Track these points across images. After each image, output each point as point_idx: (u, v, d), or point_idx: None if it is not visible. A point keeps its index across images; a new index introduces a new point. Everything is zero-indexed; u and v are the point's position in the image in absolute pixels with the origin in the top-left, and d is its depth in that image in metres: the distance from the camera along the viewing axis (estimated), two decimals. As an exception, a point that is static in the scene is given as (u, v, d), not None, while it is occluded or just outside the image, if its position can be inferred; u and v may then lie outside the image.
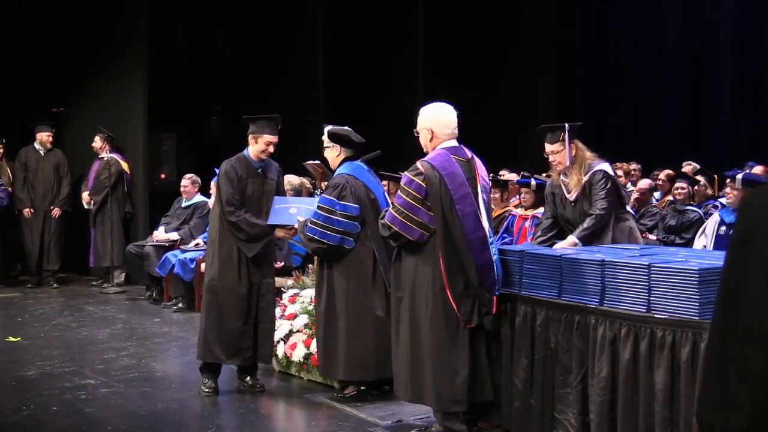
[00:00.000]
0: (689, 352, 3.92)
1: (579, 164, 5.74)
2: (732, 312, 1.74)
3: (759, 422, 1.69)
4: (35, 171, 10.94)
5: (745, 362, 1.70)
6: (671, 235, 8.55)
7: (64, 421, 5.52)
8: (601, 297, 4.40)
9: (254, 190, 6.09)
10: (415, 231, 4.78)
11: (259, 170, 6.16)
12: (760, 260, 1.68)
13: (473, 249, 4.70)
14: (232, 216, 5.95)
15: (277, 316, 6.54)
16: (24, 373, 6.62)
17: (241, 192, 6.03)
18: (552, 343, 4.59)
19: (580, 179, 5.71)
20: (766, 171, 8.74)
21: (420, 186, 4.78)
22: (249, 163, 6.13)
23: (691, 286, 3.99)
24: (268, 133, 6.10)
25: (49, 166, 10.99)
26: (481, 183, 4.89)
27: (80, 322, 8.71)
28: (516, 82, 14.77)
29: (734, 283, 1.75)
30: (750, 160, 9.74)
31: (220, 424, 5.46)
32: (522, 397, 4.76)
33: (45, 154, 11.01)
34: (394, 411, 5.56)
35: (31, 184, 10.91)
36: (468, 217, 4.73)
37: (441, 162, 4.81)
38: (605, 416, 4.28)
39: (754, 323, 1.69)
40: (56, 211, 10.94)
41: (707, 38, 13.62)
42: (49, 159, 11.01)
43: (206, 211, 9.99)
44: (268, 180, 6.17)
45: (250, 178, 6.09)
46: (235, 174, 6.04)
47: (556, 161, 5.79)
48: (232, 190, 5.99)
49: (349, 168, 5.86)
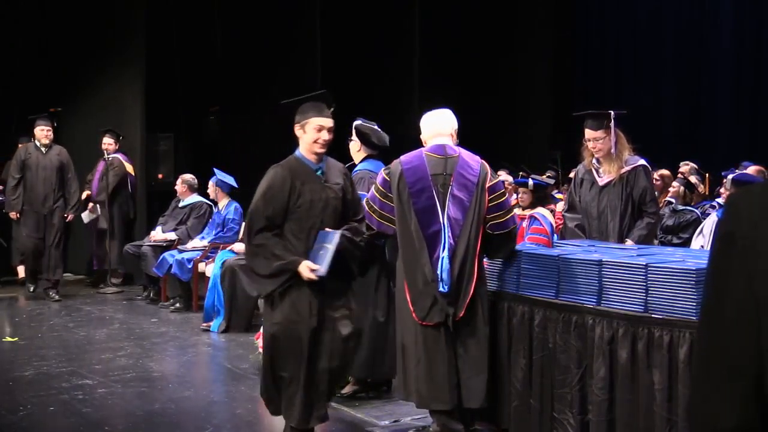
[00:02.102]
0: (687, 351, 3.92)
1: (620, 153, 5.74)
2: (717, 311, 1.75)
3: (747, 420, 1.69)
4: (35, 170, 9.94)
5: (731, 361, 1.71)
6: (669, 236, 8.55)
7: (62, 421, 5.51)
8: (599, 297, 4.40)
9: (311, 200, 4.61)
10: (374, 220, 4.90)
11: (318, 172, 4.70)
12: (742, 260, 1.69)
13: (427, 244, 4.73)
14: (255, 235, 4.59)
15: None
16: (21, 374, 6.61)
17: (284, 205, 4.57)
18: (550, 343, 4.60)
19: (621, 167, 5.73)
20: (759, 171, 8.75)
21: (384, 180, 4.90)
22: (302, 165, 4.69)
23: (689, 286, 3.99)
24: (315, 115, 4.68)
25: (51, 165, 9.97)
26: (458, 180, 4.82)
27: (77, 322, 8.70)
28: (513, 81, 14.78)
29: (719, 282, 1.76)
30: (745, 161, 9.75)
31: (217, 424, 5.45)
32: (521, 397, 4.76)
33: (46, 152, 10.01)
34: (392, 411, 5.56)
35: (30, 185, 9.90)
36: (424, 212, 4.75)
37: (409, 157, 4.89)
38: (604, 416, 4.28)
39: (739, 322, 1.70)
40: (71, 217, 10.07)
41: (705, 39, 13.64)
42: (51, 158, 10.00)
43: (203, 211, 10.01)
44: (330, 185, 4.70)
45: (306, 184, 4.62)
46: (280, 183, 4.59)
47: (598, 148, 5.77)
48: (264, 204, 4.59)
49: (372, 165, 5.97)
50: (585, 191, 5.91)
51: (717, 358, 1.74)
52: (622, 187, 5.72)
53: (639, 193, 5.72)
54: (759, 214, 1.68)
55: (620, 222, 5.72)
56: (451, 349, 4.77)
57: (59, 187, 10.04)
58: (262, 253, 4.54)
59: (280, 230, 4.59)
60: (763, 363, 1.66)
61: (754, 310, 1.66)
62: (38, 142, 10.02)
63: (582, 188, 5.95)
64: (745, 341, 1.68)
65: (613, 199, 5.74)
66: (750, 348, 1.67)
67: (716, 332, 1.74)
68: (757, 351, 1.67)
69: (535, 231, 7.72)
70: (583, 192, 5.93)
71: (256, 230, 4.57)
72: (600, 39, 15.17)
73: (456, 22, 14.24)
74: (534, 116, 14.84)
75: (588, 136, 5.79)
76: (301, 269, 4.45)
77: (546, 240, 7.52)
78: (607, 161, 5.77)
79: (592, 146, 5.79)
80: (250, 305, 8.35)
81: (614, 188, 5.74)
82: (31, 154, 9.99)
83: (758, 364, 1.66)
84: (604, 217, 5.80)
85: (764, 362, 1.66)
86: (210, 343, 7.86)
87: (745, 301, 1.68)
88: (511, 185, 9.63)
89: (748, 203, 1.73)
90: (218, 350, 7.65)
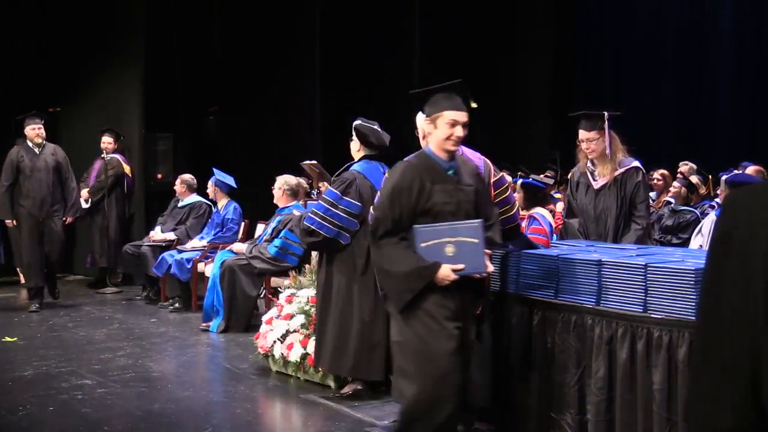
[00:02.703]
0: (686, 352, 3.92)
1: (614, 154, 5.71)
2: (715, 311, 1.75)
3: (745, 420, 1.69)
4: (29, 173, 9.23)
5: (728, 361, 1.71)
6: (668, 235, 8.55)
7: (61, 421, 5.51)
8: (598, 297, 4.40)
9: (443, 202, 4.16)
10: None
11: (450, 172, 4.26)
12: (738, 261, 1.69)
13: None
14: (380, 240, 4.21)
15: (274, 317, 6.56)
16: (21, 374, 6.61)
17: (411, 208, 4.13)
18: (549, 343, 4.59)
19: (615, 170, 5.70)
20: (759, 171, 8.74)
21: None
22: (433, 163, 4.24)
23: (688, 286, 3.99)
24: (449, 108, 4.21)
25: (45, 167, 9.26)
26: None
27: (77, 322, 8.70)
28: (513, 81, 14.77)
29: (716, 282, 1.76)
30: (745, 161, 9.75)
31: (216, 424, 5.45)
32: (519, 397, 4.75)
33: (40, 153, 9.31)
34: (391, 411, 5.54)
35: (26, 190, 9.21)
36: None
37: (410, 157, 4.85)
38: (602, 416, 4.28)
39: (736, 323, 1.70)
40: (69, 220, 9.59)
41: (705, 39, 13.63)
42: (46, 158, 9.30)
43: (203, 211, 10.01)
44: (463, 186, 4.29)
45: (437, 184, 4.18)
46: (409, 182, 4.15)
47: (591, 149, 5.73)
48: (389, 204, 4.16)
49: (363, 167, 5.93)
50: (581, 194, 5.89)
51: (715, 357, 1.74)
52: (617, 189, 5.70)
53: (631, 195, 5.69)
54: (756, 214, 1.68)
55: (615, 224, 5.70)
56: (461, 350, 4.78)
57: (57, 188, 9.34)
58: (391, 260, 4.11)
59: (406, 234, 4.12)
60: (760, 363, 1.66)
61: (751, 311, 1.66)
62: (30, 142, 9.29)
63: (578, 191, 5.93)
64: (743, 341, 1.68)
65: (609, 201, 5.72)
66: (747, 347, 1.68)
67: (714, 332, 1.74)
68: (754, 350, 1.67)
69: (534, 231, 7.71)
70: (579, 195, 5.91)
71: (380, 234, 4.15)
72: (600, 39, 15.16)
73: (456, 23, 14.23)
74: (534, 116, 14.83)
75: (582, 136, 5.76)
76: (442, 273, 4.03)
77: (545, 240, 7.52)
78: (602, 163, 5.74)
79: (585, 147, 5.76)
80: (250, 305, 8.36)
81: (609, 191, 5.73)
82: (24, 157, 9.24)
83: (756, 363, 1.66)
84: (601, 220, 5.78)
85: (761, 362, 1.66)
86: (209, 343, 7.85)
87: (743, 301, 1.68)
88: (511, 185, 9.63)
89: (745, 204, 1.73)
90: (217, 350, 7.65)
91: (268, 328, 6.54)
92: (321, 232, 5.74)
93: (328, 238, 5.74)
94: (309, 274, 6.68)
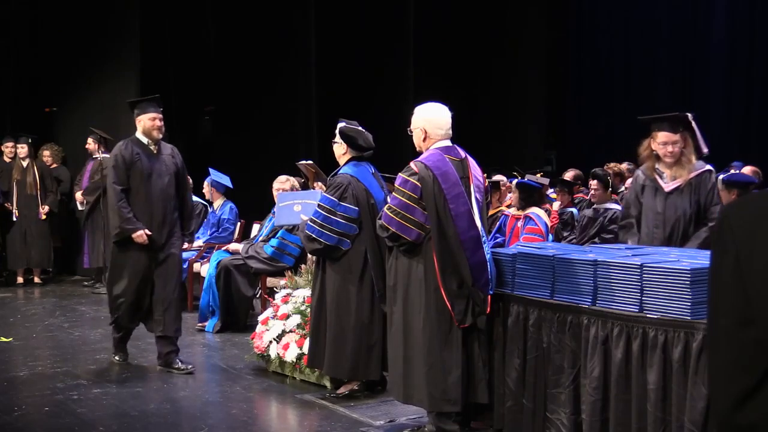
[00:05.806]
0: (681, 351, 3.94)
1: (689, 157, 5.58)
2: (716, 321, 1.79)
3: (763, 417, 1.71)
4: (146, 179, 6.71)
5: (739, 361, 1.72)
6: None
7: (56, 421, 5.50)
8: (594, 297, 4.41)
9: None
10: (413, 231, 4.81)
11: None
12: (736, 272, 1.71)
13: (467, 248, 4.72)
14: None
15: (270, 317, 6.56)
16: (16, 374, 6.61)
17: None
18: (544, 343, 4.61)
19: (691, 172, 5.54)
20: (754, 172, 8.78)
21: (415, 186, 4.81)
22: None
23: (683, 286, 4.00)
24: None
25: (166, 171, 6.86)
26: (475, 183, 4.92)
27: (72, 322, 8.69)
28: (507, 82, 14.81)
29: (716, 290, 1.78)
30: (736, 161, 9.77)
31: (212, 424, 5.45)
32: (514, 397, 4.77)
33: (158, 152, 6.93)
34: (387, 411, 5.57)
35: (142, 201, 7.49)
36: (461, 217, 4.75)
37: (435, 162, 4.83)
38: (597, 416, 4.29)
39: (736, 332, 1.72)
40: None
41: (698, 38, 13.67)
42: (165, 161, 6.92)
43: (198, 211, 10.00)
44: None
45: None
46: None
47: (674, 151, 5.53)
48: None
49: (353, 169, 5.83)
50: (649, 197, 5.66)
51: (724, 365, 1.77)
52: (691, 192, 5.53)
53: (705, 199, 5.53)
54: (752, 226, 1.70)
55: (686, 227, 5.52)
56: (464, 350, 4.80)
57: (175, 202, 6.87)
58: None
59: None
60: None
61: (749, 321, 1.68)
62: (146, 137, 6.98)
63: (645, 194, 5.70)
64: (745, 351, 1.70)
65: (682, 204, 5.53)
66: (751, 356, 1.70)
67: (720, 343, 1.77)
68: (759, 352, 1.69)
69: (530, 231, 7.73)
70: (646, 198, 5.67)
71: None
72: (593, 40, 15.20)
73: (451, 23, 14.26)
74: (529, 117, 14.86)
75: (665, 139, 5.53)
76: None
77: (541, 239, 7.54)
78: (677, 166, 5.56)
79: (669, 150, 5.54)
80: (246, 305, 8.36)
81: (682, 193, 5.54)
82: (140, 156, 6.81)
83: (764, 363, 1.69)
84: (676, 223, 5.54)
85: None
86: (205, 343, 7.85)
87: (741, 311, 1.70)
88: (505, 185, 9.67)
89: (741, 216, 1.75)
90: (213, 350, 7.65)
91: (264, 328, 6.54)
92: (322, 240, 5.70)
93: (329, 246, 5.72)
94: (305, 274, 6.68)
